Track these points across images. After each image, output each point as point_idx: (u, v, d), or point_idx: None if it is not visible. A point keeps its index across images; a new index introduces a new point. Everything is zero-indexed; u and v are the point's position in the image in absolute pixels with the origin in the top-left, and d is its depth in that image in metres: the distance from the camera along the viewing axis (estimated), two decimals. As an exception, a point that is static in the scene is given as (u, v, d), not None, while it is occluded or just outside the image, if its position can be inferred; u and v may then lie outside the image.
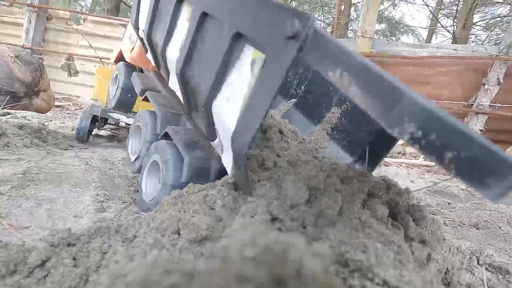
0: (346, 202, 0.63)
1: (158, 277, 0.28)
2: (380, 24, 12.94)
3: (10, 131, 1.61)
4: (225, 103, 0.56)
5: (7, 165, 1.17)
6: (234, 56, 0.54)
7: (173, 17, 0.74)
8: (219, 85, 0.57)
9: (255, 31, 0.47)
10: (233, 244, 0.28)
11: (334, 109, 0.99)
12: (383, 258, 0.45)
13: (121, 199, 1.02)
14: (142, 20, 0.96)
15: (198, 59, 0.65)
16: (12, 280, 0.50)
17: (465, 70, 5.31)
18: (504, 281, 0.73)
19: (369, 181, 0.71)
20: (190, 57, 0.66)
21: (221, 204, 0.62)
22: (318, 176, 0.64)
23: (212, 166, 0.75)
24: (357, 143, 0.91)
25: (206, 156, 0.75)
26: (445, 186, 1.96)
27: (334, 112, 0.99)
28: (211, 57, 0.59)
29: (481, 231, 1.15)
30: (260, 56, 0.47)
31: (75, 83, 6.14)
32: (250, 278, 0.25)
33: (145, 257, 0.50)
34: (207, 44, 0.62)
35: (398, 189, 0.72)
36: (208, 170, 0.75)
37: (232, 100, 0.53)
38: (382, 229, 0.53)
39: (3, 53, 2.65)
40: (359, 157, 0.90)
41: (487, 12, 10.50)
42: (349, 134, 0.94)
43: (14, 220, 0.75)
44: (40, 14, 5.97)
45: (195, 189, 0.74)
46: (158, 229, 0.61)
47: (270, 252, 0.27)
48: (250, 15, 0.47)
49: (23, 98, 2.75)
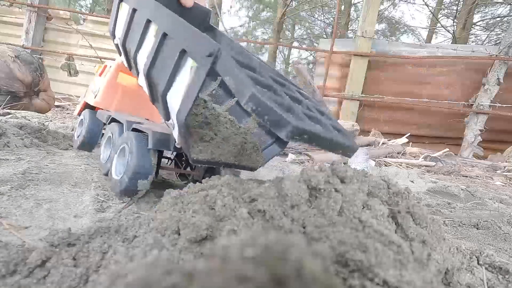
0: (346, 202, 0.63)
1: (158, 277, 0.28)
2: (380, 24, 12.94)
3: (10, 131, 1.61)
4: (174, 94, 0.85)
5: (7, 165, 1.17)
6: (181, 64, 0.82)
7: (143, 33, 1.00)
8: (171, 82, 0.85)
9: (192, 49, 0.77)
10: (233, 244, 0.28)
11: None
12: (383, 258, 0.45)
13: (121, 199, 1.02)
14: (118, 30, 1.22)
15: (159, 64, 0.93)
16: (12, 280, 0.50)
17: (465, 70, 5.31)
18: (504, 281, 0.73)
19: (369, 181, 0.71)
20: (154, 63, 0.93)
21: (221, 204, 0.62)
22: (318, 176, 0.64)
23: (170, 138, 1.03)
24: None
25: (165, 132, 1.04)
26: (445, 186, 1.96)
27: None
28: (167, 64, 0.86)
29: (481, 231, 1.15)
30: (194, 65, 0.76)
31: (75, 83, 6.14)
32: (250, 278, 0.25)
33: (145, 257, 0.50)
34: (165, 54, 0.90)
35: (398, 189, 0.72)
36: (167, 140, 1.02)
37: (178, 91, 0.82)
38: (382, 229, 0.53)
39: (3, 53, 2.65)
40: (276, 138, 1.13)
41: (487, 12, 10.51)
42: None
43: (14, 220, 0.75)
44: (40, 14, 5.97)
45: (195, 189, 0.74)
46: (158, 229, 0.61)
47: (270, 252, 0.27)
48: (190, 39, 0.78)
49: (23, 98, 2.75)
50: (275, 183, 0.68)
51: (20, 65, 2.69)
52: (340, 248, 0.47)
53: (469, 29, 9.57)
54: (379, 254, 0.45)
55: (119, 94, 1.70)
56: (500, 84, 4.87)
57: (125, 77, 1.74)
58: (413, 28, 12.95)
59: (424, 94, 5.35)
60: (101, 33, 6.02)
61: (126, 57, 1.21)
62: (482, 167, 3.82)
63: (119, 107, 1.69)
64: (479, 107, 4.99)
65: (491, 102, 4.94)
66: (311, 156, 2.96)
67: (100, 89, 1.70)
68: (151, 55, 0.93)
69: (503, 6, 9.64)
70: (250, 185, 0.72)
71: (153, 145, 1.01)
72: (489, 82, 4.93)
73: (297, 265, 0.26)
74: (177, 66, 0.83)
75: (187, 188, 0.75)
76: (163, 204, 0.72)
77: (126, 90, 1.71)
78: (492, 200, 1.83)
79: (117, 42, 1.25)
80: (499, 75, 4.86)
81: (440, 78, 5.41)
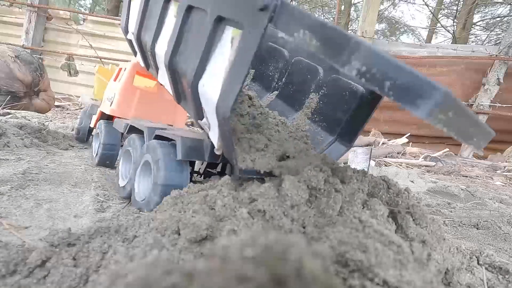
0: (346, 202, 0.63)
1: (158, 277, 0.28)
2: (380, 24, 12.94)
3: (10, 131, 1.61)
4: (209, 80, 0.65)
5: (7, 165, 1.17)
6: (217, 39, 0.64)
7: (161, 17, 0.84)
8: (204, 65, 0.67)
9: (233, 11, 0.57)
10: (233, 244, 0.28)
11: (312, 95, 1.10)
12: (383, 258, 0.45)
13: (121, 199, 1.02)
14: (132, 23, 1.06)
15: (184, 48, 0.75)
16: (12, 280, 0.50)
17: (465, 70, 5.31)
18: (504, 281, 0.73)
19: (369, 181, 0.71)
20: (177, 47, 0.76)
21: (221, 204, 0.62)
22: (318, 176, 0.64)
23: (204, 144, 0.83)
24: (334, 122, 1.01)
25: (197, 137, 0.84)
26: (445, 186, 1.96)
27: (312, 97, 1.10)
28: (196, 44, 0.69)
29: (481, 231, 1.15)
30: (238, 33, 0.57)
31: (75, 83, 6.14)
32: (250, 278, 0.25)
33: (145, 257, 0.50)
34: (192, 33, 0.72)
35: (398, 189, 0.72)
36: (201, 148, 0.83)
37: (215, 75, 0.63)
38: (382, 229, 0.53)
39: (3, 53, 2.65)
40: (338, 135, 0.99)
41: (487, 12, 10.50)
42: (327, 116, 1.05)
43: (14, 220, 0.75)
44: (40, 14, 5.97)
45: (195, 189, 0.74)
46: (158, 229, 0.61)
47: (270, 252, 0.27)
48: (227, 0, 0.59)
49: (23, 98, 2.75)
50: (275, 183, 0.68)
51: (20, 65, 2.69)
52: (340, 248, 0.47)
53: (469, 29, 9.56)
54: (379, 254, 0.45)
55: (137, 99, 1.50)
56: (500, 84, 4.87)
57: (143, 80, 1.55)
58: (413, 28, 12.95)
59: (424, 94, 5.34)
60: (101, 33, 6.01)
61: (142, 54, 1.06)
62: (482, 167, 3.82)
63: (138, 113, 1.49)
64: (479, 107, 4.98)
65: (491, 102, 4.94)
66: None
67: (115, 95, 1.50)
68: (173, 39, 0.77)
69: (503, 6, 9.64)
70: (250, 185, 0.72)
71: (183, 155, 0.80)
72: (489, 82, 4.92)
73: (297, 265, 0.26)
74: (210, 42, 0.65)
75: (187, 188, 0.75)
76: (163, 204, 0.72)
77: (145, 94, 1.52)
78: (492, 200, 1.83)
79: (130, 37, 1.10)
80: (499, 75, 4.85)
81: (440, 78, 5.40)
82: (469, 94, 5.26)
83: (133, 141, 1.05)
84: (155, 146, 0.86)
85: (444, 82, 5.41)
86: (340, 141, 0.98)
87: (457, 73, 5.36)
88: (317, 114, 1.07)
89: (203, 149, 0.82)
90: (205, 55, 0.66)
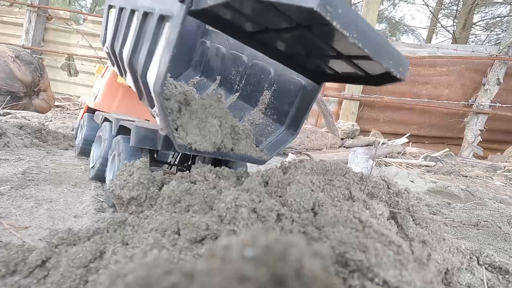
0: (346, 202, 0.63)
1: (158, 277, 0.28)
2: (380, 24, 12.93)
3: (10, 131, 1.61)
4: (152, 68, 0.76)
5: (7, 165, 1.17)
6: (159, 34, 0.76)
7: (127, 26, 0.95)
8: (151, 58, 0.78)
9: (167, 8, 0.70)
10: (233, 244, 0.28)
11: (266, 92, 1.24)
12: (383, 258, 0.45)
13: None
14: (108, 35, 1.18)
15: (139, 47, 0.86)
16: (12, 280, 0.50)
17: (465, 70, 5.30)
18: (504, 281, 0.73)
19: (369, 181, 0.71)
20: (136, 48, 0.87)
21: (221, 204, 0.62)
22: (318, 177, 0.64)
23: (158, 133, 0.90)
24: (282, 114, 1.15)
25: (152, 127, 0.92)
26: (445, 186, 1.96)
27: (265, 94, 1.24)
28: (147, 41, 0.80)
29: (481, 231, 1.15)
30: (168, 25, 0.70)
31: (75, 83, 6.14)
32: (250, 278, 0.25)
33: (145, 257, 0.50)
34: (145, 33, 0.84)
35: (398, 189, 0.72)
36: (154, 137, 0.91)
37: (155, 64, 0.74)
38: (382, 229, 0.53)
39: (3, 53, 2.65)
40: (285, 125, 1.12)
41: (487, 12, 10.50)
42: (277, 109, 1.18)
43: (14, 220, 0.75)
44: (40, 14, 5.97)
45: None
46: (158, 229, 0.61)
47: (270, 252, 0.27)
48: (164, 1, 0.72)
49: (23, 98, 2.75)
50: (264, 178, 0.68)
51: (20, 65, 2.69)
52: (340, 248, 0.47)
53: (469, 29, 9.57)
54: (379, 254, 0.45)
55: (120, 95, 1.62)
56: (500, 84, 4.87)
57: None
58: (413, 28, 12.96)
59: (424, 94, 5.35)
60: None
61: (116, 62, 1.16)
62: (482, 167, 3.82)
63: (119, 108, 1.60)
64: (479, 107, 4.98)
65: (491, 102, 4.94)
66: (311, 156, 2.96)
67: (99, 91, 1.62)
68: (133, 42, 0.87)
69: (503, 6, 9.64)
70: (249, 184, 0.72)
71: (135, 142, 0.88)
72: (489, 82, 4.92)
73: (297, 265, 0.26)
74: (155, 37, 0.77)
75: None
76: (163, 204, 0.72)
77: (127, 91, 1.64)
78: (492, 200, 1.83)
79: (107, 49, 1.20)
80: (499, 75, 4.85)
81: (440, 78, 5.40)
82: (469, 94, 5.26)
83: (105, 128, 1.18)
84: (119, 141, 0.97)
85: (444, 82, 5.41)
86: (288, 130, 1.12)
87: (457, 73, 5.36)
88: (269, 108, 1.22)
89: (156, 138, 0.91)
90: (151, 48, 0.78)
